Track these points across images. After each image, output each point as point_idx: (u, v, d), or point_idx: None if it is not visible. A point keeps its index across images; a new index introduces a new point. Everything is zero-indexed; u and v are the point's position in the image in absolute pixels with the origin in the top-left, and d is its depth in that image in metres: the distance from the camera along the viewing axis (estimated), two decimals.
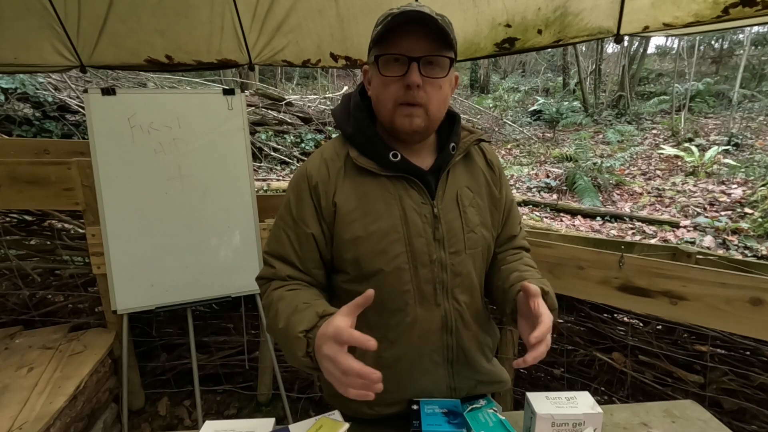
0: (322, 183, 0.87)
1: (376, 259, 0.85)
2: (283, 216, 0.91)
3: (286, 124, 7.40)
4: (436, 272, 0.87)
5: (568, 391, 0.86)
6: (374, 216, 0.85)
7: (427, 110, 0.82)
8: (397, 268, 0.86)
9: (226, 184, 1.94)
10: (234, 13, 1.93)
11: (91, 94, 1.75)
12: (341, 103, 0.94)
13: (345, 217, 0.86)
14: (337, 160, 0.89)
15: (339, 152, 0.90)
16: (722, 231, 4.93)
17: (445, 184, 0.89)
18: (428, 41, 0.79)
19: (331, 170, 0.88)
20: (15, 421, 1.43)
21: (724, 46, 15.49)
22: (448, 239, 0.88)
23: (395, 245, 0.85)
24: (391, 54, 0.80)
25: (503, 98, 13.63)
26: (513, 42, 1.84)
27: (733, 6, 1.42)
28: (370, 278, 0.87)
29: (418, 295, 0.87)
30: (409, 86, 0.79)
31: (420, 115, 0.82)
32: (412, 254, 0.86)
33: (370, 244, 0.85)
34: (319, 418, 0.84)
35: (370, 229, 0.85)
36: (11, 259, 2.10)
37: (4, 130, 5.14)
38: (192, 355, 1.97)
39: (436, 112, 0.84)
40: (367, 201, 0.86)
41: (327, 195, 0.87)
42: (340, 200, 0.86)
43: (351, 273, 0.89)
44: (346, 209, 0.86)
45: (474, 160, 0.96)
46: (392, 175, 0.87)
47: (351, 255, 0.86)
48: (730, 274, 1.41)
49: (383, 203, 0.86)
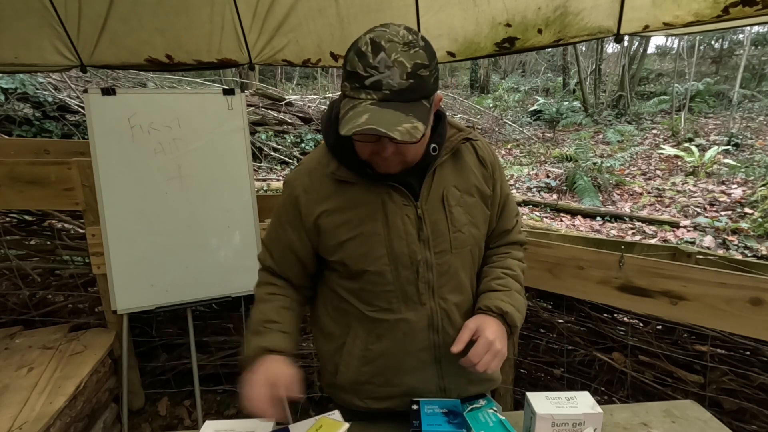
0: (304, 194, 0.90)
1: (360, 260, 0.88)
2: (276, 213, 0.97)
3: (286, 124, 7.41)
4: (422, 272, 0.89)
5: (568, 391, 0.86)
6: (357, 221, 0.87)
7: (405, 161, 0.82)
8: (379, 270, 0.88)
9: (226, 184, 1.94)
10: (234, 13, 1.94)
11: (91, 94, 1.75)
12: (326, 112, 0.93)
13: (330, 225, 0.88)
14: (320, 168, 0.90)
15: (322, 161, 0.91)
16: (722, 231, 4.93)
17: (430, 184, 0.89)
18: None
19: (314, 180, 0.90)
20: (15, 421, 1.43)
21: (724, 46, 15.49)
22: (434, 239, 0.89)
23: (376, 248, 0.87)
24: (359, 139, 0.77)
25: (503, 98, 13.63)
26: (513, 41, 1.84)
27: (733, 5, 1.42)
28: (357, 277, 0.90)
29: (401, 295, 0.90)
30: (383, 155, 0.78)
31: (398, 162, 0.82)
32: (393, 256, 0.87)
33: (354, 247, 0.87)
34: (319, 418, 0.84)
35: (353, 233, 0.87)
36: (11, 259, 2.10)
37: (4, 130, 5.14)
38: (192, 355, 1.97)
39: (414, 157, 0.83)
40: (351, 207, 0.88)
41: (308, 205, 0.89)
42: (323, 208, 0.88)
43: (341, 271, 0.92)
44: (331, 217, 0.88)
45: (463, 159, 0.95)
46: (373, 182, 0.87)
47: (337, 257, 0.90)
48: (730, 274, 1.41)
49: (365, 208, 0.87)
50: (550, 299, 1.95)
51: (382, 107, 0.71)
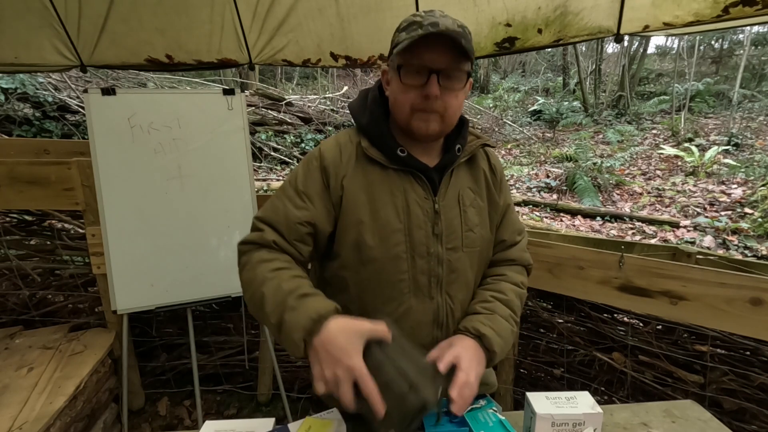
0: (333, 164, 0.90)
1: (376, 245, 0.88)
2: (285, 188, 0.93)
3: (286, 124, 7.40)
4: (433, 265, 0.90)
5: (568, 391, 0.86)
6: (379, 203, 0.88)
7: (443, 117, 0.87)
8: (396, 256, 0.88)
9: (226, 184, 1.94)
10: (234, 13, 1.94)
11: (91, 94, 1.75)
12: (358, 97, 0.99)
13: (351, 200, 0.88)
14: (350, 145, 0.93)
15: (352, 139, 0.94)
16: (722, 231, 4.93)
17: (448, 183, 0.93)
18: (449, 55, 0.82)
19: (344, 154, 0.91)
20: (15, 421, 1.43)
21: (724, 46, 15.49)
22: (447, 235, 0.90)
23: (396, 234, 0.88)
24: (413, 65, 0.83)
25: (503, 98, 13.62)
26: (513, 41, 1.84)
27: (733, 5, 1.42)
28: (367, 264, 0.89)
29: (413, 285, 0.90)
30: (428, 96, 0.83)
31: (436, 120, 0.86)
32: (411, 244, 0.88)
33: (373, 230, 0.88)
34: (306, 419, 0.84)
35: (374, 215, 0.88)
36: (11, 259, 2.10)
37: (4, 130, 5.14)
38: (192, 355, 1.97)
39: (451, 119, 0.89)
40: (374, 189, 0.89)
41: (337, 176, 0.89)
42: (348, 183, 0.89)
43: (350, 258, 0.90)
44: (354, 193, 0.89)
45: (478, 164, 0.99)
46: (399, 169, 0.90)
47: (353, 238, 0.88)
48: (730, 274, 1.41)
49: (388, 193, 0.89)
50: (550, 299, 1.95)
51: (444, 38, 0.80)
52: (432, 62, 0.82)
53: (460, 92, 0.87)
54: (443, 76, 0.83)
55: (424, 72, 0.82)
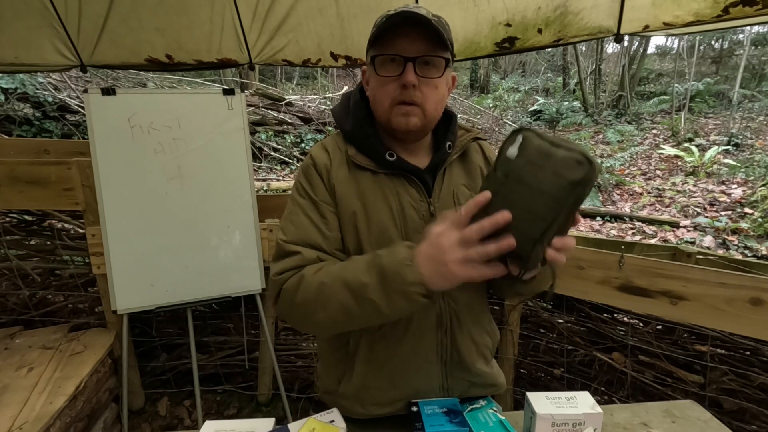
0: (325, 169, 0.89)
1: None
2: (298, 202, 0.89)
3: (286, 124, 7.40)
4: None
5: (568, 391, 0.85)
6: (373, 210, 0.86)
7: (424, 109, 0.84)
8: None
9: (226, 184, 1.94)
10: (234, 13, 1.94)
11: (91, 94, 1.75)
12: (341, 102, 0.96)
13: (346, 209, 0.87)
14: (338, 152, 0.91)
15: (340, 147, 0.92)
16: (722, 231, 4.93)
17: (441, 182, 0.90)
18: (424, 42, 0.80)
19: (333, 160, 0.90)
20: (15, 421, 1.43)
21: (724, 46, 15.49)
22: None
23: (393, 239, 0.86)
24: (387, 54, 0.81)
25: (503, 98, 13.62)
26: (513, 41, 1.84)
27: (733, 5, 1.42)
28: None
29: None
30: (405, 86, 0.81)
31: (416, 114, 0.83)
32: None
33: (369, 237, 0.86)
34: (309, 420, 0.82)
35: (369, 222, 0.86)
36: (11, 259, 2.10)
37: (4, 130, 5.14)
38: (192, 355, 1.97)
39: (432, 112, 0.86)
40: (367, 196, 0.87)
41: (329, 181, 0.88)
42: (340, 191, 0.87)
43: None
44: (347, 201, 0.87)
45: (471, 158, 0.96)
46: (390, 173, 0.88)
47: (351, 245, 0.87)
48: (730, 274, 1.41)
49: (382, 198, 0.87)
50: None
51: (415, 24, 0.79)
52: (405, 50, 0.80)
53: (440, 83, 0.84)
54: (420, 65, 0.80)
55: (400, 61, 0.80)
